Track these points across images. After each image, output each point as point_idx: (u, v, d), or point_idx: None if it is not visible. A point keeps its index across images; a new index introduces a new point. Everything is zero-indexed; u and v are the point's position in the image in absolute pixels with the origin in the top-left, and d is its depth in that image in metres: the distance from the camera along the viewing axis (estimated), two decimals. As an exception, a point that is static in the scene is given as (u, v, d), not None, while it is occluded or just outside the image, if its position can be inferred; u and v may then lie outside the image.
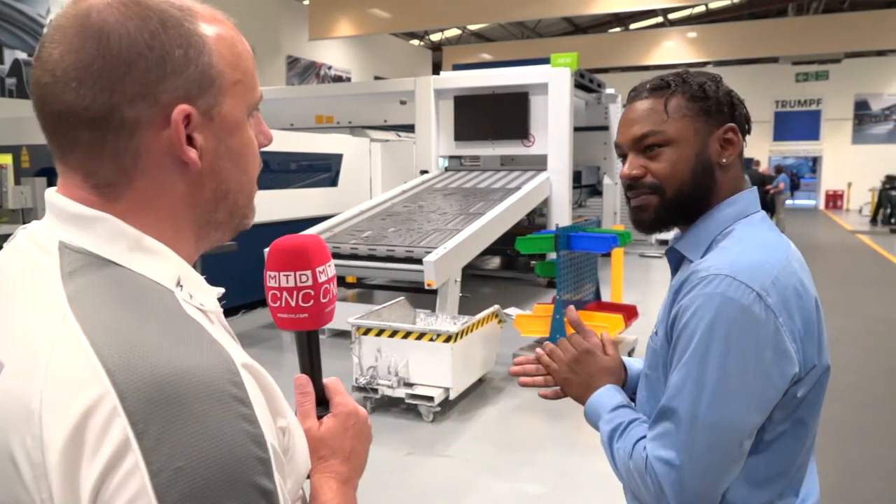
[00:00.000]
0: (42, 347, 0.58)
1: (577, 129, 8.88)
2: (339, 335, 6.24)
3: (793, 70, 24.87)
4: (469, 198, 7.73)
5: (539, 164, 8.71)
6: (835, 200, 24.81)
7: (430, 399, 4.30)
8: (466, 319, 4.68)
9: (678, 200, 1.14)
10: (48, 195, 0.68)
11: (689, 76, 1.16)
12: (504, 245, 7.13)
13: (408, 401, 4.40)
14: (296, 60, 17.51)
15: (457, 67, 12.24)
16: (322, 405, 0.84)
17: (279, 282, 0.80)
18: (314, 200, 8.40)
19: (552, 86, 8.45)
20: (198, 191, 0.69)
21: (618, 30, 23.89)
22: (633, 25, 23.70)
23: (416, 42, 24.53)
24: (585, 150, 10.65)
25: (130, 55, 0.63)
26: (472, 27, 22.43)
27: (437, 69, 20.28)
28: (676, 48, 20.07)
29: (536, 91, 8.61)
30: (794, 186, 22.00)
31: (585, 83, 9.67)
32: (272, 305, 0.82)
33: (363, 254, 6.17)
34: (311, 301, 0.81)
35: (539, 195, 8.22)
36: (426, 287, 5.66)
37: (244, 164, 0.72)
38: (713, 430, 1.00)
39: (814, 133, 25.27)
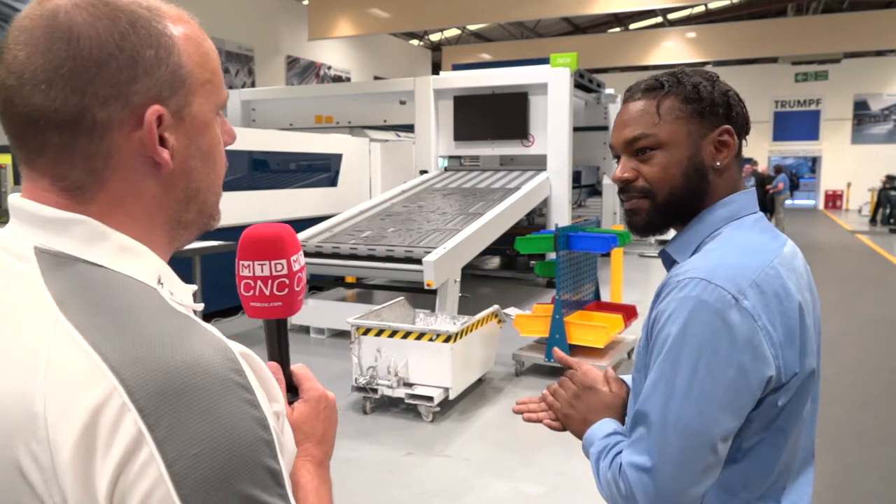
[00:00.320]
0: (39, 351, 0.58)
1: (577, 129, 8.89)
2: (339, 335, 6.24)
3: (792, 70, 24.89)
4: (468, 198, 7.74)
5: (538, 164, 8.72)
6: (834, 200, 24.83)
7: (430, 399, 4.30)
8: (466, 319, 4.68)
9: (670, 204, 1.12)
10: (13, 200, 0.67)
11: (684, 76, 1.13)
12: (504, 245, 7.14)
13: (407, 401, 4.40)
14: (295, 60, 17.50)
15: (456, 67, 12.24)
16: (291, 391, 0.85)
17: (253, 271, 0.81)
18: (314, 200, 8.40)
19: (552, 86, 8.45)
20: (170, 191, 0.69)
21: (617, 30, 23.89)
22: (633, 25, 23.70)
23: (416, 42, 24.53)
24: (585, 150, 10.67)
25: (101, 56, 0.62)
26: (472, 27, 22.43)
27: (437, 69, 20.28)
28: (676, 48, 20.07)
29: (536, 91, 8.61)
30: (794, 186, 21.98)
31: (585, 83, 9.67)
32: (244, 294, 0.82)
33: (363, 254, 6.17)
34: (286, 290, 0.81)
35: (538, 195, 8.23)
36: (426, 287, 5.66)
37: (213, 163, 0.73)
38: (684, 434, 0.98)
39: (813, 133, 25.29)
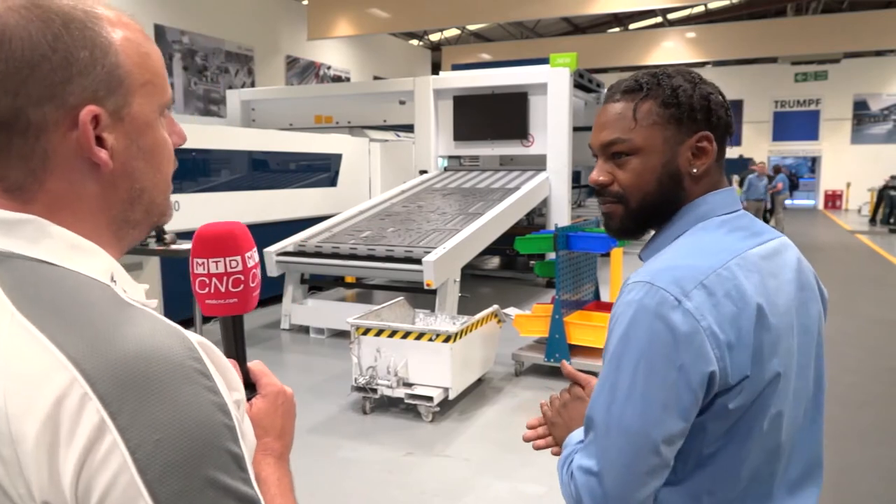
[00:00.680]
0: None
1: (577, 129, 8.88)
2: (339, 335, 6.24)
3: (792, 70, 24.89)
4: (468, 198, 7.74)
5: (538, 164, 8.71)
6: (834, 200, 24.83)
7: (430, 399, 4.30)
8: (466, 319, 4.68)
9: (643, 210, 1.11)
10: None
11: (665, 78, 1.10)
12: (503, 245, 7.14)
13: (407, 401, 4.40)
14: (295, 60, 17.50)
15: (456, 67, 12.24)
16: (248, 388, 0.85)
17: (208, 268, 0.82)
18: (313, 200, 8.41)
19: (551, 86, 8.45)
20: (112, 191, 0.69)
21: (617, 30, 23.88)
22: (633, 25, 23.70)
23: (416, 42, 24.53)
24: (584, 151, 10.60)
25: (34, 57, 0.62)
26: (472, 27, 22.43)
27: (437, 69, 20.27)
28: (675, 48, 20.06)
29: (535, 91, 8.61)
30: (793, 186, 21.98)
31: (584, 83, 9.67)
32: (199, 292, 0.83)
33: (362, 254, 6.17)
34: (241, 286, 0.82)
35: (538, 195, 8.23)
36: (425, 287, 5.66)
37: (157, 163, 0.73)
38: (626, 436, 0.98)
39: (813, 133, 25.29)
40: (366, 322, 4.56)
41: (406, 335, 4.42)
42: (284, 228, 7.20)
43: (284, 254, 6.49)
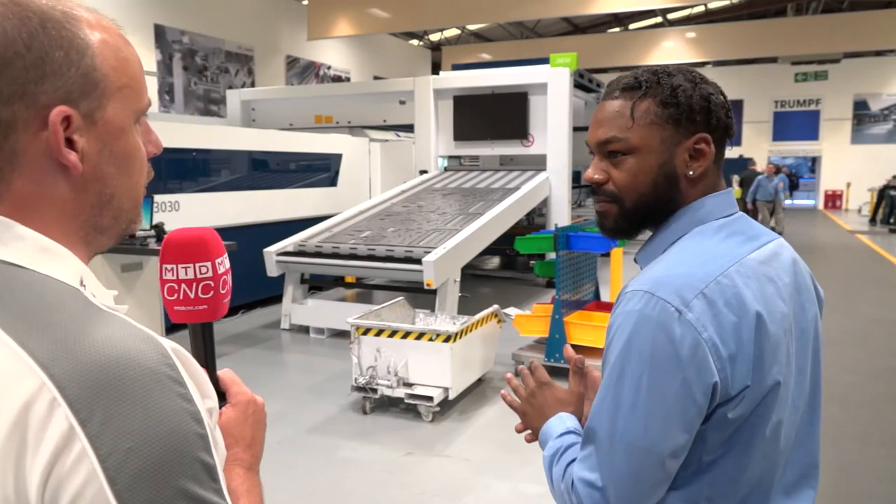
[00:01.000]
0: None
1: (577, 129, 8.88)
2: (339, 335, 6.25)
3: (792, 70, 24.89)
4: (468, 198, 7.74)
5: (538, 164, 8.72)
6: (834, 200, 24.83)
7: (430, 399, 4.31)
8: (466, 319, 4.68)
9: (637, 211, 1.10)
10: None
11: (665, 76, 1.08)
12: (503, 245, 7.14)
13: (407, 401, 4.40)
14: (295, 60, 17.50)
15: (456, 67, 12.25)
16: (218, 397, 0.83)
17: (177, 274, 0.80)
18: (313, 200, 8.41)
19: (551, 86, 8.45)
20: (81, 195, 0.68)
21: (617, 30, 23.88)
22: (633, 25, 23.70)
23: (416, 42, 24.53)
24: (584, 150, 10.55)
25: (7, 54, 0.61)
26: (472, 27, 22.43)
27: (437, 69, 20.28)
28: (675, 48, 20.06)
29: (536, 91, 8.61)
30: (793, 186, 21.97)
31: (585, 83, 9.67)
32: (168, 298, 0.81)
33: (362, 254, 6.18)
34: (211, 292, 0.81)
35: (538, 195, 8.23)
36: (425, 287, 5.67)
37: (129, 170, 0.71)
38: (631, 450, 0.97)
39: (813, 133, 25.28)
40: (366, 322, 4.56)
41: (406, 335, 4.42)
42: (284, 228, 7.21)
43: (284, 254, 6.49)
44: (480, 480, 3.58)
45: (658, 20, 22.70)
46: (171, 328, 4.52)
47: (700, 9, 21.48)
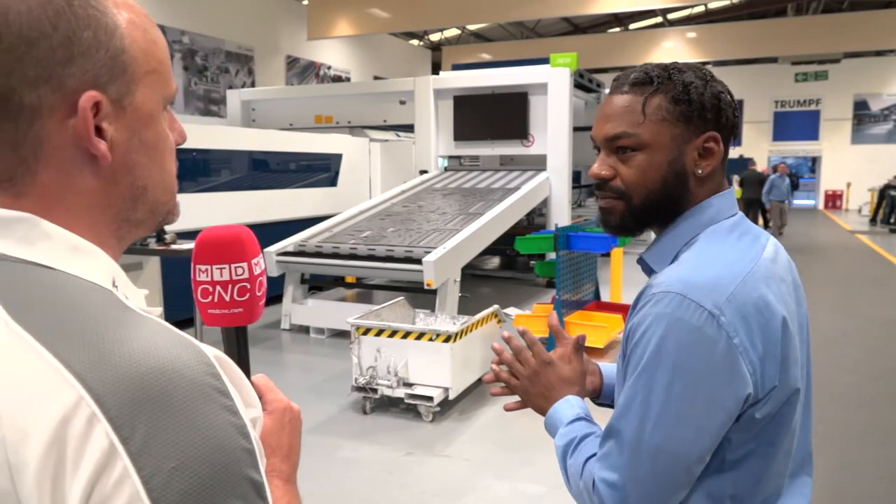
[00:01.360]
0: None
1: (577, 129, 8.89)
2: (339, 335, 6.25)
3: (792, 70, 24.89)
4: (468, 198, 7.74)
5: (538, 164, 8.72)
6: (834, 200, 24.82)
7: (430, 399, 4.30)
8: (466, 319, 4.68)
9: (645, 209, 1.08)
10: None
11: (676, 73, 1.06)
12: (503, 245, 7.14)
13: (407, 401, 4.40)
14: (295, 60, 17.50)
15: (456, 67, 12.25)
16: None
17: (211, 275, 0.76)
18: (313, 200, 8.41)
19: (551, 86, 8.45)
20: (111, 187, 0.63)
21: (617, 30, 23.88)
22: (633, 25, 23.70)
23: (416, 42, 24.53)
24: (585, 150, 10.63)
25: (32, 34, 0.56)
26: (472, 27, 22.43)
27: (437, 69, 20.28)
28: (676, 48, 20.06)
29: (536, 91, 8.61)
30: (794, 186, 21.96)
31: (585, 83, 9.68)
32: (201, 301, 0.77)
33: (362, 254, 6.18)
34: (247, 294, 0.77)
35: (538, 195, 8.23)
36: (425, 287, 5.67)
37: (160, 159, 0.67)
38: (658, 454, 0.97)
39: (813, 133, 25.28)
40: (366, 322, 4.56)
41: (406, 335, 4.42)
42: (284, 228, 7.21)
43: (284, 254, 6.50)
44: (480, 480, 3.58)
45: (658, 20, 22.71)
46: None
47: (700, 9, 21.48)
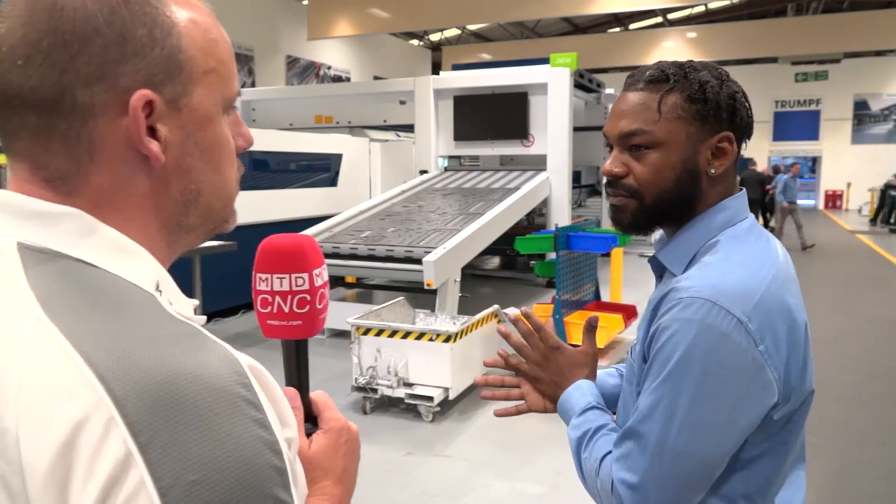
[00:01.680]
0: (12, 355, 0.50)
1: (577, 129, 8.89)
2: (339, 335, 6.24)
3: (792, 70, 24.89)
4: (468, 198, 7.74)
5: (538, 164, 8.72)
6: (834, 200, 24.83)
7: (430, 399, 4.31)
8: (466, 319, 4.68)
9: (657, 207, 1.08)
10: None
11: (692, 71, 1.05)
12: (503, 245, 7.14)
13: (407, 401, 4.40)
14: (295, 60, 17.51)
15: (456, 67, 12.25)
16: (310, 421, 0.77)
17: (271, 285, 0.73)
18: (313, 200, 8.41)
19: (551, 86, 8.45)
20: (163, 190, 0.62)
21: (617, 30, 23.90)
22: (633, 25, 23.71)
23: (416, 42, 24.53)
24: (585, 150, 10.68)
25: (86, 31, 0.56)
26: (472, 27, 22.44)
27: (437, 69, 20.29)
28: (676, 48, 20.07)
29: (536, 91, 8.61)
30: (794, 186, 21.98)
31: (585, 83, 9.68)
32: (261, 311, 0.75)
33: (362, 254, 6.17)
34: (307, 307, 0.74)
35: (538, 195, 8.23)
36: (425, 287, 5.66)
37: (217, 164, 0.65)
38: (681, 459, 0.97)
39: (813, 133, 25.28)
40: (366, 322, 4.56)
41: (406, 335, 4.42)
42: (284, 228, 7.14)
43: (284, 254, 6.48)
44: (480, 480, 3.58)
45: (658, 20, 22.72)
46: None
47: (700, 9, 21.49)
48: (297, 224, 7.46)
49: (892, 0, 19.37)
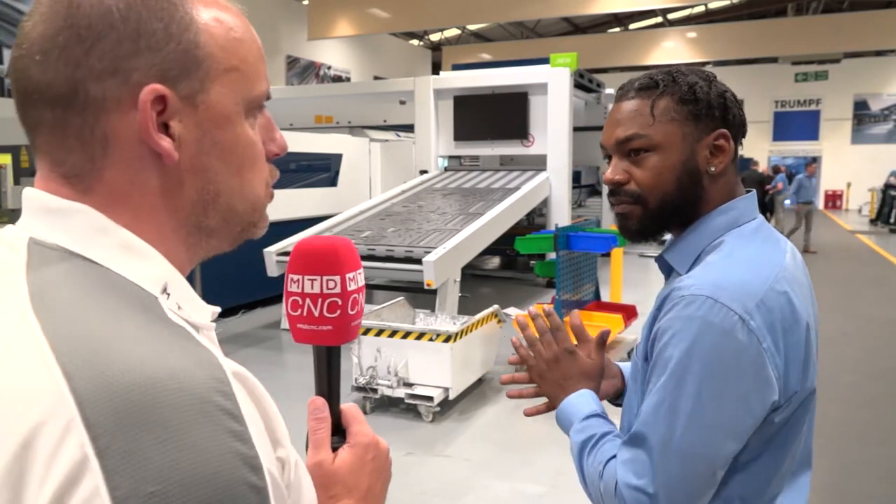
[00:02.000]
0: None
1: (577, 129, 8.89)
2: (339, 335, 6.24)
3: (792, 70, 24.90)
4: (468, 198, 7.74)
5: (538, 164, 8.72)
6: (834, 200, 24.83)
7: (430, 399, 4.31)
8: (466, 319, 4.68)
9: (662, 210, 1.08)
10: (25, 191, 0.60)
11: (680, 75, 1.07)
12: (503, 245, 7.14)
13: (407, 401, 4.40)
14: (295, 60, 17.51)
15: (456, 67, 12.24)
16: (338, 434, 0.74)
17: (302, 286, 0.72)
18: (314, 200, 8.41)
19: (551, 86, 8.46)
20: (178, 188, 0.60)
21: (617, 30, 23.90)
22: (633, 25, 23.71)
23: (416, 42, 24.54)
24: (585, 150, 10.68)
25: (101, 26, 0.55)
26: (472, 27, 22.44)
27: (437, 69, 20.29)
28: (676, 48, 20.08)
29: (536, 91, 8.62)
30: (794, 186, 21.99)
31: (585, 83, 9.68)
32: (291, 314, 0.73)
33: (363, 254, 6.17)
34: (338, 311, 0.72)
35: (538, 195, 8.23)
36: (426, 287, 5.67)
37: (238, 166, 0.63)
38: (686, 459, 0.97)
39: (813, 133, 25.29)
40: (366, 322, 4.56)
41: (406, 335, 4.42)
42: (284, 228, 7.20)
43: (285, 254, 6.49)
44: (480, 480, 3.58)
45: (658, 20, 22.72)
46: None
47: (700, 9, 21.50)
48: (298, 224, 7.45)
49: (892, 0, 19.37)
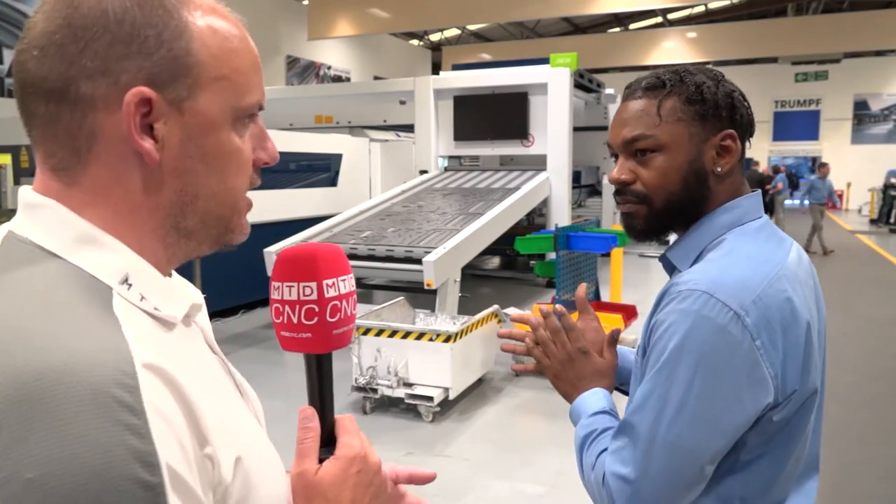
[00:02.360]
0: None
1: (577, 129, 8.89)
2: (339, 335, 6.24)
3: (792, 70, 24.90)
4: (468, 198, 7.74)
5: (538, 164, 8.72)
6: (834, 200, 24.83)
7: (430, 399, 4.30)
8: (466, 319, 4.68)
9: (668, 210, 1.08)
10: (20, 189, 0.64)
11: (687, 75, 1.08)
12: (503, 245, 7.14)
13: (407, 401, 4.40)
14: (295, 60, 17.51)
15: (456, 67, 12.24)
16: (331, 444, 0.73)
17: (282, 293, 0.71)
18: (313, 200, 8.41)
19: (551, 86, 8.45)
20: (157, 189, 0.62)
21: (617, 30, 23.90)
22: (633, 25, 23.71)
23: (416, 42, 24.54)
24: (585, 150, 10.68)
25: (96, 28, 0.58)
26: (472, 27, 22.44)
27: (437, 69, 20.29)
28: (676, 48, 20.08)
29: (536, 91, 8.61)
30: (793, 186, 21.99)
31: (585, 83, 9.67)
32: (275, 321, 0.73)
33: (362, 254, 6.17)
34: (315, 318, 0.71)
35: (538, 195, 8.23)
36: (425, 287, 5.66)
37: (221, 171, 0.64)
38: (672, 451, 0.96)
39: (813, 133, 25.30)
40: (366, 322, 4.56)
41: (406, 335, 4.42)
42: (284, 228, 7.20)
43: (284, 254, 6.49)
44: (480, 480, 3.58)
45: (658, 20, 22.72)
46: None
47: (700, 9, 21.50)
48: (298, 224, 7.46)
49: (892, 0, 19.37)
